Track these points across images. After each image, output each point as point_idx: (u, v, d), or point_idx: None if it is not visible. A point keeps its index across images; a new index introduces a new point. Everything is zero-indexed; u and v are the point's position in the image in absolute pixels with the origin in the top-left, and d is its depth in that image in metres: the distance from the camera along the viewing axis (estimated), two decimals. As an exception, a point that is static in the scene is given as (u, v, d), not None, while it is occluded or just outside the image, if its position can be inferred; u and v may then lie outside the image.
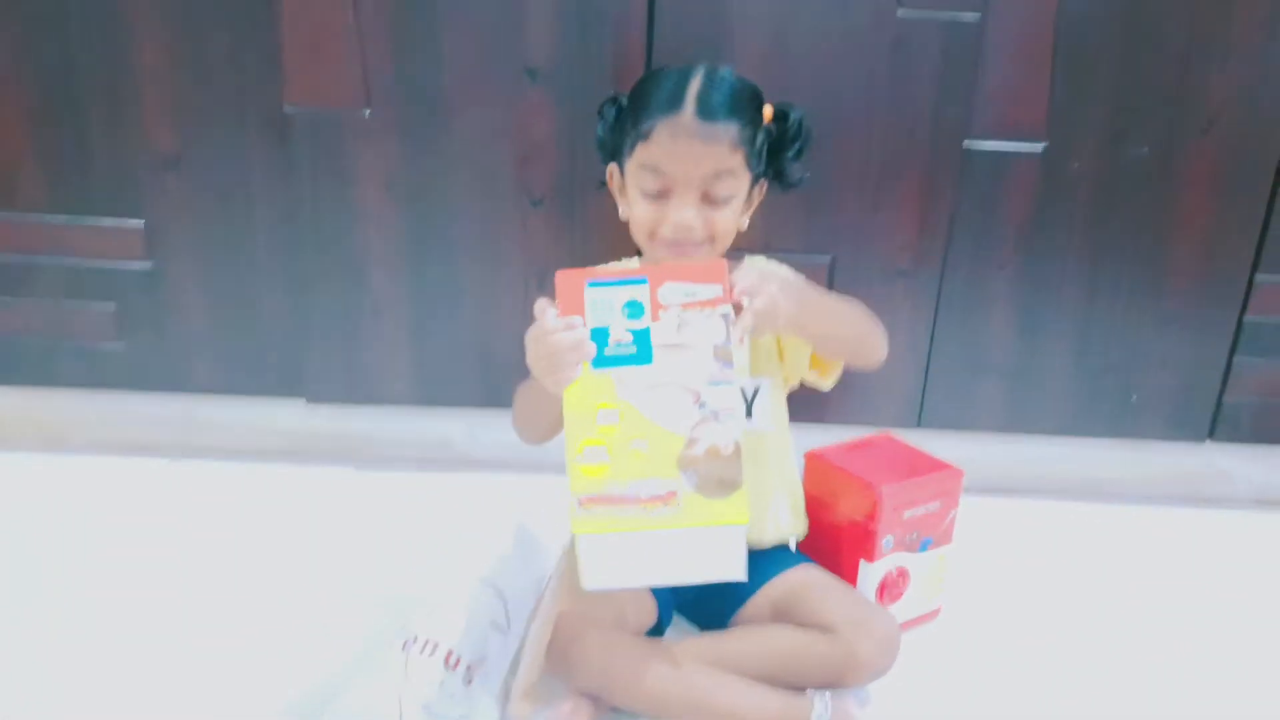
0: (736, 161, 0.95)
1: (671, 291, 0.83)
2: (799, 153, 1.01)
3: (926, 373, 1.42)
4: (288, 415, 1.51)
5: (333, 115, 1.30)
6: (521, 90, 1.29)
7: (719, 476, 0.80)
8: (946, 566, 1.14)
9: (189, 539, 1.28)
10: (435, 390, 1.45)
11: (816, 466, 1.13)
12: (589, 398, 0.82)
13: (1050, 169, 1.32)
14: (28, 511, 1.34)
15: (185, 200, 1.36)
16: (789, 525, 1.09)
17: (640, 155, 0.96)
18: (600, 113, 1.04)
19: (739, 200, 0.98)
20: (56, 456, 1.50)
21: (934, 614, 1.15)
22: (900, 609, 1.11)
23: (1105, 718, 1.00)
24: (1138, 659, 1.10)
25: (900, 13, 1.25)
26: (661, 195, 0.95)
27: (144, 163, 1.34)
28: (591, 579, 0.84)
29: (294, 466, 1.50)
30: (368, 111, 1.30)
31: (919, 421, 1.45)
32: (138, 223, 1.37)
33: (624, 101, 1.01)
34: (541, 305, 0.85)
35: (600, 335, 0.83)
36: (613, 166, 1.03)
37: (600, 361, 0.83)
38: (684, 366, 0.82)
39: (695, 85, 0.94)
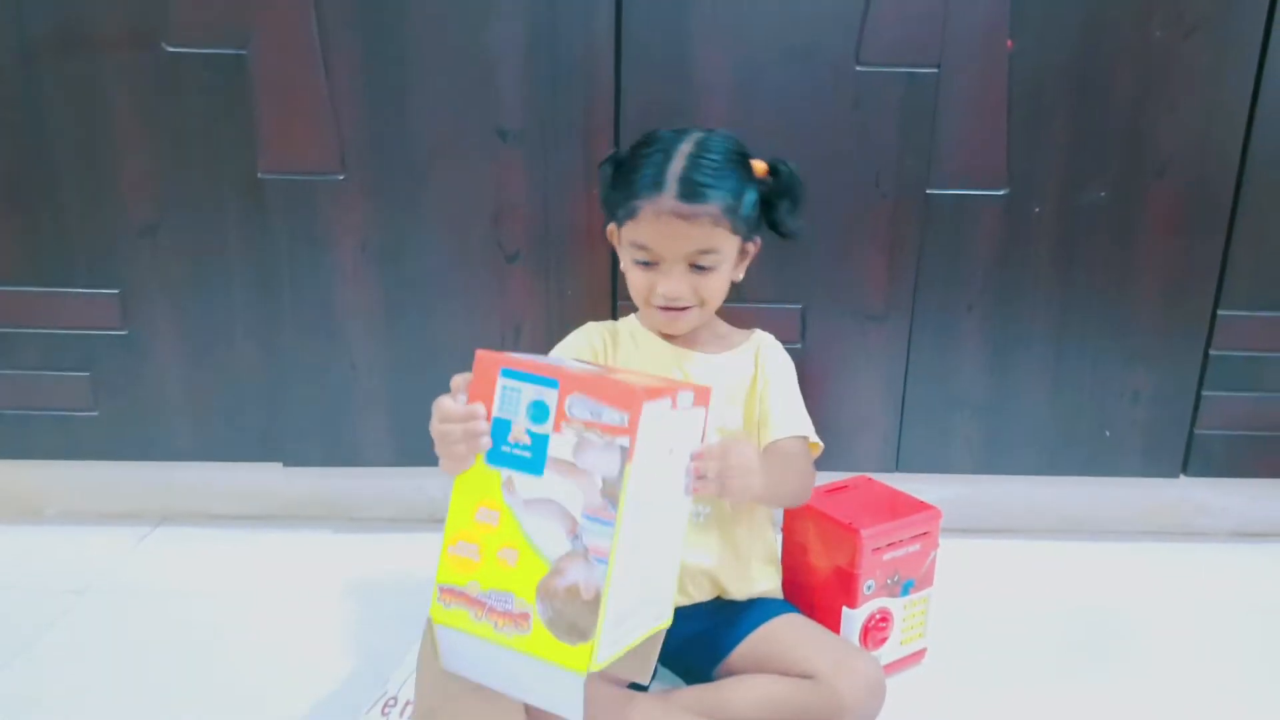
0: (720, 234, 1.00)
1: (578, 405, 0.75)
2: (794, 204, 1.07)
3: (902, 416, 1.44)
4: (265, 480, 1.50)
5: (307, 181, 1.32)
6: (494, 150, 1.32)
7: (570, 620, 0.74)
8: (929, 608, 1.14)
9: (168, 606, 1.27)
10: (414, 451, 1.45)
11: (796, 511, 1.14)
12: (475, 490, 0.79)
13: (1012, 214, 1.36)
14: (3, 584, 1.32)
15: (161, 268, 1.36)
16: (765, 582, 1.10)
17: (628, 230, 1.02)
18: (601, 171, 1.10)
19: (726, 264, 1.03)
20: (32, 528, 1.48)
21: (919, 656, 1.15)
22: (884, 652, 1.10)
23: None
24: (1123, 693, 1.10)
25: (859, 69, 1.30)
26: (650, 265, 1.01)
27: (120, 231, 1.35)
28: (447, 663, 0.82)
29: (272, 531, 1.49)
30: (342, 176, 1.32)
31: (897, 465, 1.46)
32: (113, 291, 1.37)
33: (621, 157, 1.06)
34: (456, 383, 0.84)
35: (502, 428, 0.78)
36: (611, 226, 1.08)
37: (494, 457, 0.78)
38: (569, 490, 0.75)
39: (678, 165, 0.98)
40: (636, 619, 0.80)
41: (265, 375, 1.41)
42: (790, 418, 1.06)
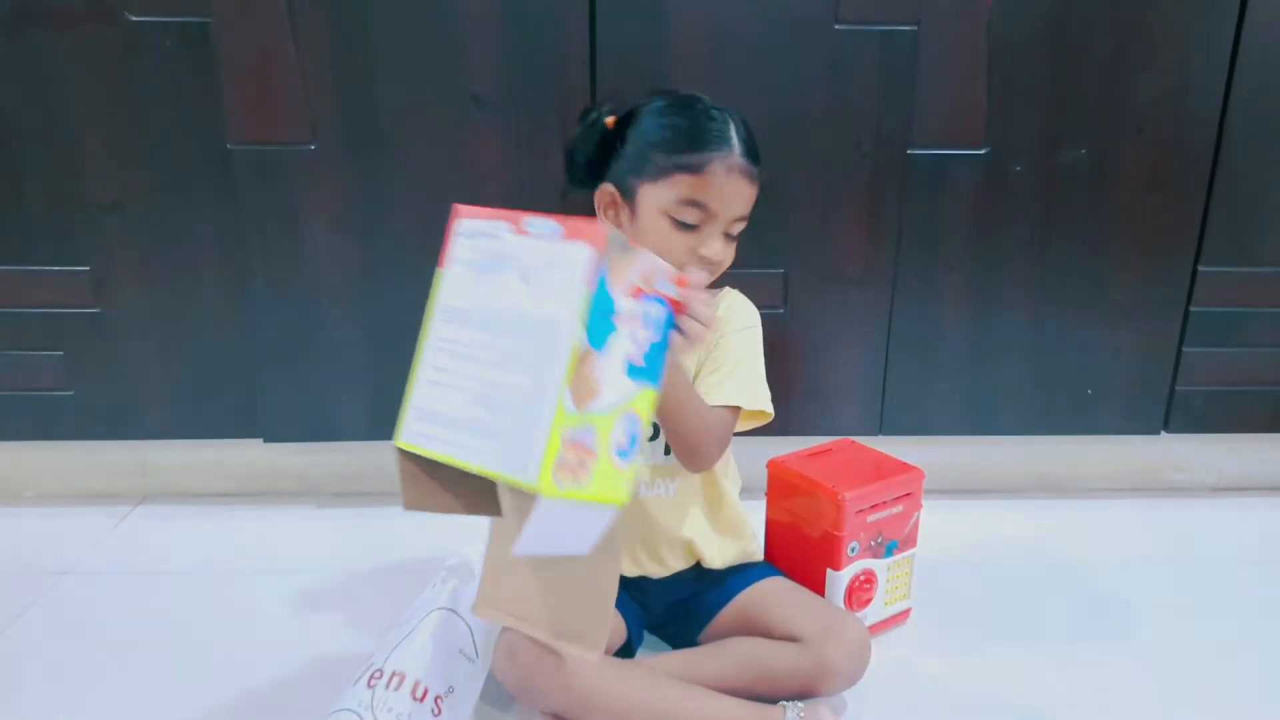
0: (753, 203, 0.99)
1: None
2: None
3: (885, 379, 1.44)
4: (245, 456, 1.49)
5: (277, 152, 1.30)
6: (467, 117, 1.29)
7: None
8: (913, 569, 1.14)
9: (150, 585, 1.26)
10: (393, 423, 1.43)
11: (779, 475, 1.13)
12: None
13: (992, 173, 1.35)
14: (-21, 569, 1.31)
15: (130, 244, 1.34)
16: (742, 546, 1.10)
17: (682, 186, 0.94)
18: (584, 125, 1.01)
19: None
20: (11, 510, 1.46)
21: (904, 616, 1.15)
22: (869, 613, 1.11)
23: (1079, 709, 1.01)
24: (1109, 649, 1.11)
25: (837, 26, 1.28)
26: (692, 228, 0.96)
27: (86, 208, 1.32)
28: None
29: (254, 508, 1.47)
30: (313, 146, 1.30)
31: (880, 428, 1.46)
32: (83, 268, 1.35)
33: (605, 120, 1.00)
34: None
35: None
36: (609, 188, 1.00)
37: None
38: None
39: (734, 125, 0.96)
40: (474, 441, 0.72)
41: (240, 351, 1.39)
42: (724, 385, 0.99)
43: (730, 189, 0.95)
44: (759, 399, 1.01)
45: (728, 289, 1.09)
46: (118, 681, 1.06)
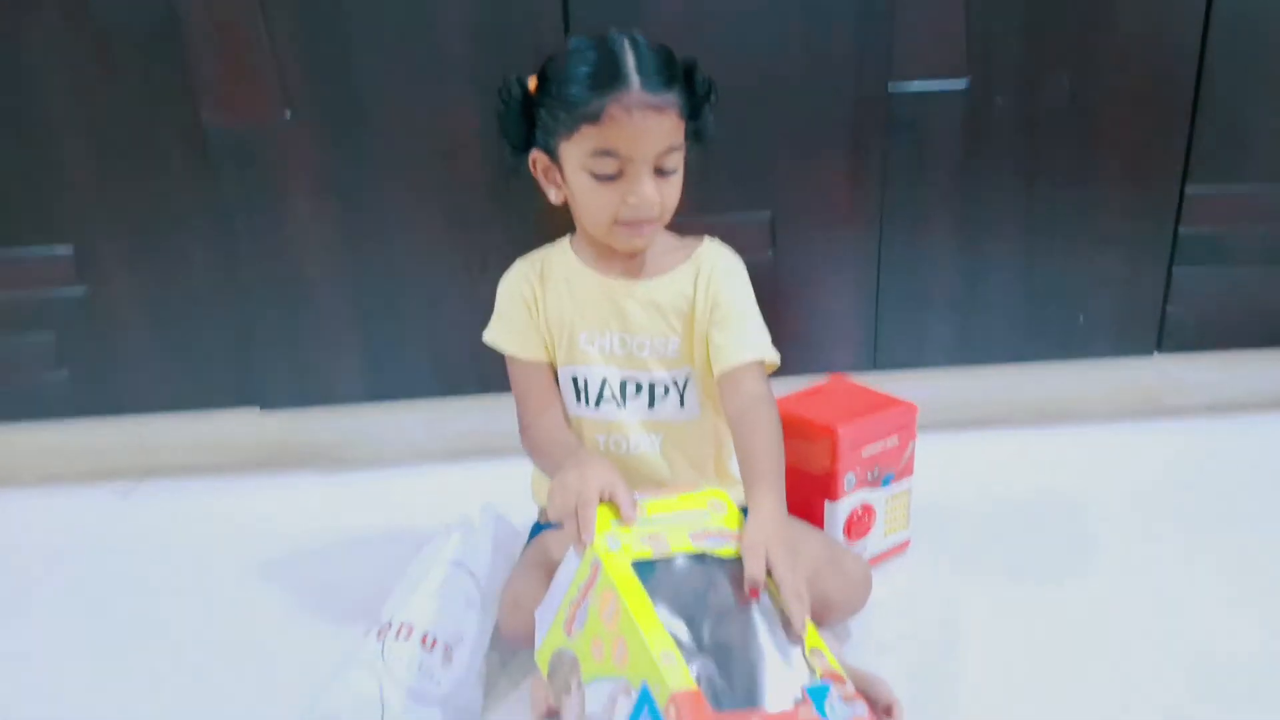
0: (679, 131, 0.93)
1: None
2: (713, 106, 0.98)
3: (876, 315, 1.44)
4: (242, 426, 1.49)
5: (252, 127, 1.29)
6: (442, 83, 1.28)
7: None
8: (910, 499, 1.15)
9: (154, 561, 1.27)
10: (388, 385, 1.44)
11: (774, 415, 1.14)
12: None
13: (975, 105, 1.34)
14: (-14, 551, 1.32)
15: (112, 222, 1.33)
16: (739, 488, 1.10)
17: (589, 139, 0.90)
18: (503, 99, 0.96)
19: (681, 168, 0.96)
20: (13, 491, 1.47)
21: (903, 547, 1.17)
22: (869, 544, 1.12)
23: (1080, 637, 1.02)
24: (1107, 575, 1.13)
25: (811, -41, 1.26)
26: (612, 178, 0.92)
27: (65, 188, 1.31)
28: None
29: (255, 477, 1.48)
30: (288, 117, 1.28)
31: (874, 364, 1.46)
32: (66, 248, 1.34)
33: (525, 83, 0.96)
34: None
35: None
36: (537, 154, 0.97)
37: None
38: None
39: (630, 57, 0.90)
40: None
41: (231, 322, 1.39)
42: (743, 341, 0.97)
43: (636, 128, 0.89)
44: (770, 350, 0.99)
45: (706, 239, 1.04)
46: (125, 655, 1.08)
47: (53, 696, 1.02)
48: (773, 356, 0.99)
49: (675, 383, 1.02)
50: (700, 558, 0.81)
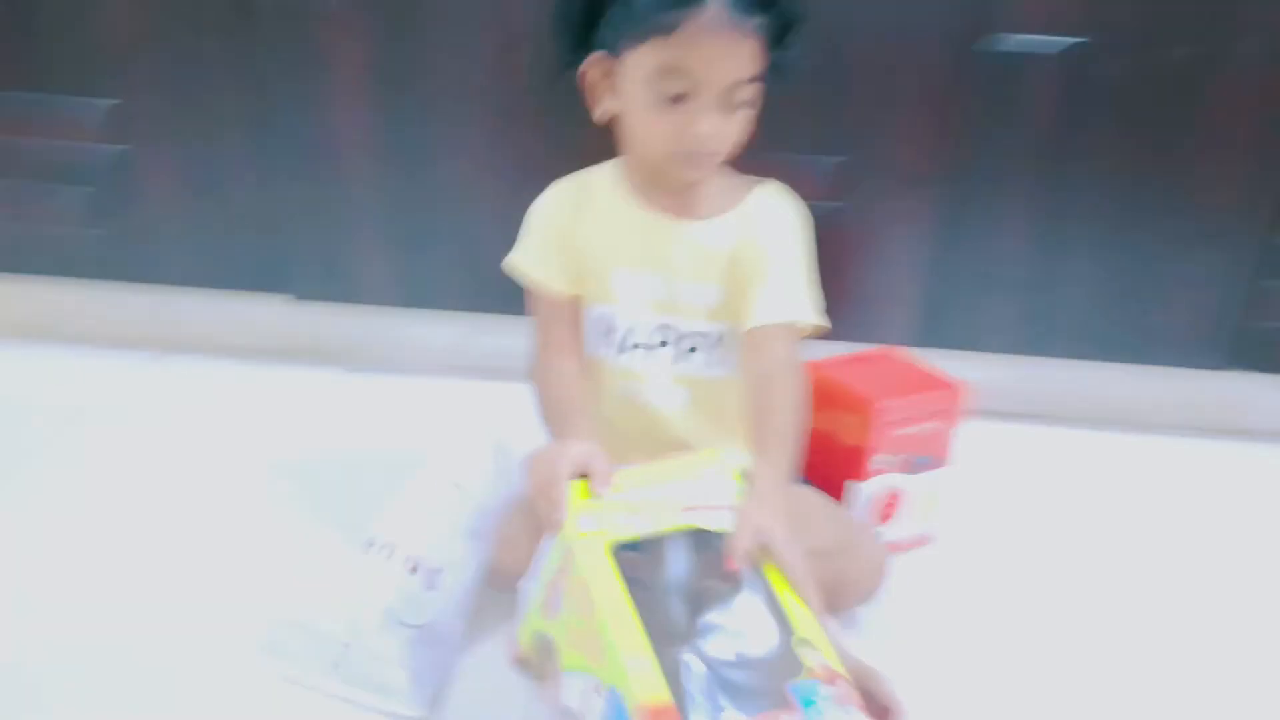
0: (761, 62, 0.83)
1: None
2: (798, 37, 0.87)
3: (936, 287, 1.35)
4: (269, 312, 1.46)
5: (300, 3, 1.22)
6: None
7: None
8: (943, 490, 1.08)
9: (164, 436, 1.26)
10: (420, 293, 1.40)
11: (811, 379, 1.07)
12: None
13: (1077, 70, 1.22)
14: (6, 401, 1.31)
15: (156, 85, 1.29)
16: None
17: (657, 52, 0.79)
18: None
19: (754, 104, 0.86)
20: (41, 348, 1.47)
21: (928, 538, 1.10)
22: (892, 530, 1.06)
23: (1100, 655, 0.96)
24: (1144, 598, 1.05)
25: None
26: (678, 100, 0.82)
27: (111, 40, 1.27)
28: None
29: (276, 366, 1.45)
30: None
31: (926, 339, 1.38)
32: (108, 103, 1.30)
33: None
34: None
35: None
36: (593, 59, 0.85)
37: None
38: None
39: None
40: None
41: (265, 204, 1.35)
42: (781, 298, 0.89)
43: (713, 50, 0.79)
44: (815, 311, 0.91)
45: (768, 183, 0.95)
46: (120, 521, 1.07)
47: (40, 552, 1.01)
48: (813, 320, 0.91)
49: (712, 336, 0.95)
50: (692, 534, 0.75)
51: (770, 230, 0.91)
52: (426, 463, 1.00)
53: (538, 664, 0.78)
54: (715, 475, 0.78)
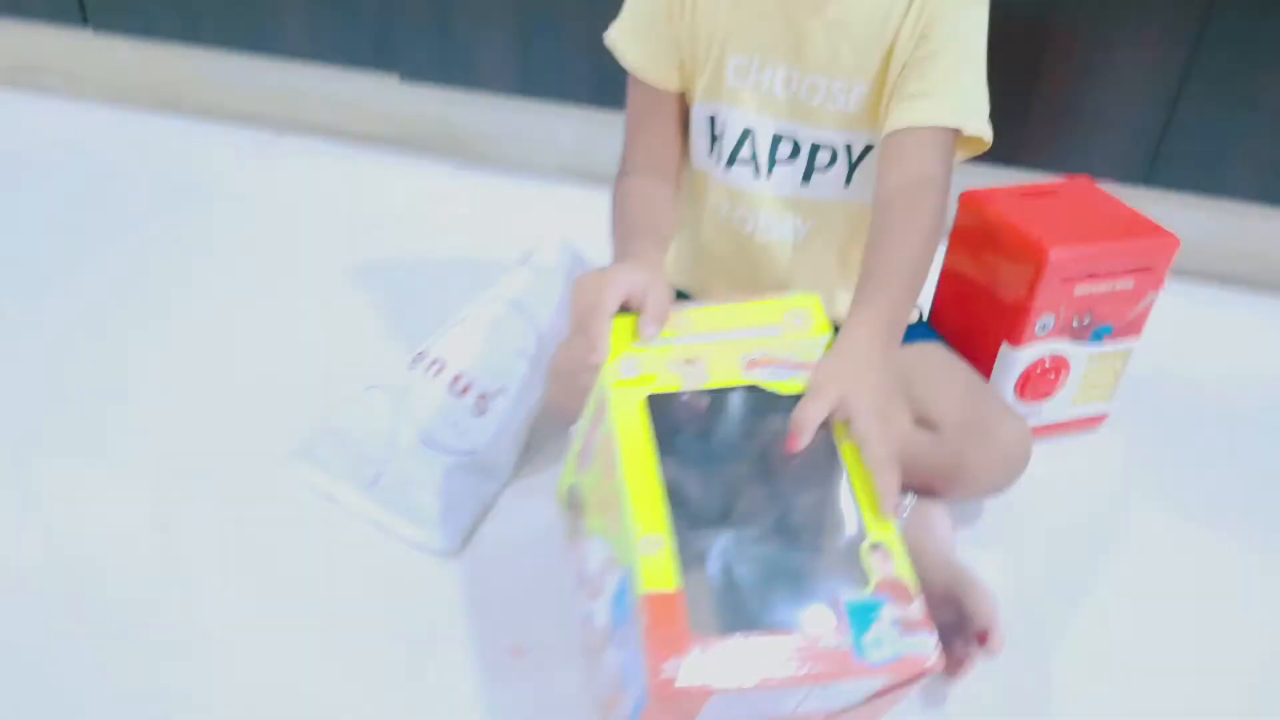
0: None
1: None
2: None
3: (1173, 111, 1.05)
4: (386, 97, 1.35)
5: None
6: None
7: None
8: (1127, 365, 0.86)
9: (274, 214, 1.21)
10: (541, 81, 1.23)
11: (972, 213, 0.85)
12: None
13: None
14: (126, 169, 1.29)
15: None
16: None
17: None
18: None
19: None
20: (166, 118, 1.44)
21: (1095, 421, 0.89)
22: (1049, 410, 0.85)
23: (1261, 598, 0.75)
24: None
25: None
26: None
27: None
28: None
29: (392, 154, 1.36)
30: None
31: (1148, 177, 1.09)
32: None
33: None
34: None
35: None
36: None
37: None
38: None
39: None
40: None
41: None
42: (941, 96, 0.68)
43: None
44: (982, 121, 0.69)
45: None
46: (188, 288, 1.06)
47: (99, 299, 1.02)
48: (977, 128, 0.69)
49: (848, 150, 0.74)
50: (752, 392, 0.59)
51: (941, 10, 0.69)
52: (499, 275, 0.88)
53: (570, 519, 0.67)
54: (800, 323, 0.61)
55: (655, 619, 0.49)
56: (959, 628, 0.64)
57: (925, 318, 0.90)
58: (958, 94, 0.69)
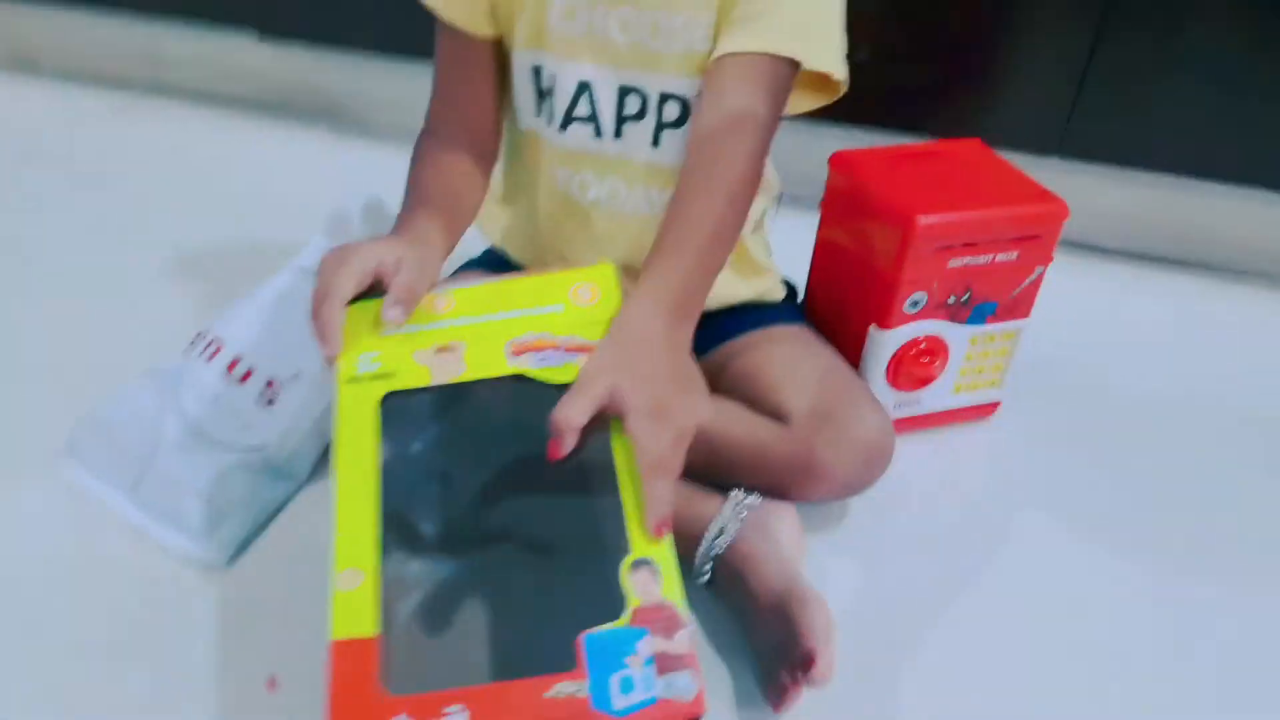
0: None
1: None
2: None
3: (1082, 80, 0.96)
4: (253, 59, 1.24)
5: None
6: None
7: None
8: (1016, 347, 0.77)
9: (126, 184, 1.12)
10: (410, 36, 1.13)
11: (843, 176, 0.76)
12: None
13: None
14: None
15: None
16: (751, 284, 0.73)
17: None
18: None
19: None
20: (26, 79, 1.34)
21: (985, 410, 0.80)
22: (928, 398, 0.76)
23: (1183, 597, 0.66)
24: (1252, 517, 0.73)
25: None
26: None
27: None
28: None
29: (262, 119, 1.26)
30: None
31: (1060, 148, 1.00)
32: None
33: None
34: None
35: None
36: None
37: None
38: None
39: None
40: None
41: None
42: (768, 21, 0.58)
43: None
44: (826, 53, 0.60)
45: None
46: (57, 256, 0.97)
47: None
48: (823, 62, 0.59)
49: (699, 100, 0.64)
50: (517, 382, 0.49)
51: None
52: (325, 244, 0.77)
53: None
54: (587, 297, 0.52)
55: (342, 673, 0.39)
56: (787, 651, 0.55)
57: (801, 298, 0.80)
58: (793, 18, 0.59)
